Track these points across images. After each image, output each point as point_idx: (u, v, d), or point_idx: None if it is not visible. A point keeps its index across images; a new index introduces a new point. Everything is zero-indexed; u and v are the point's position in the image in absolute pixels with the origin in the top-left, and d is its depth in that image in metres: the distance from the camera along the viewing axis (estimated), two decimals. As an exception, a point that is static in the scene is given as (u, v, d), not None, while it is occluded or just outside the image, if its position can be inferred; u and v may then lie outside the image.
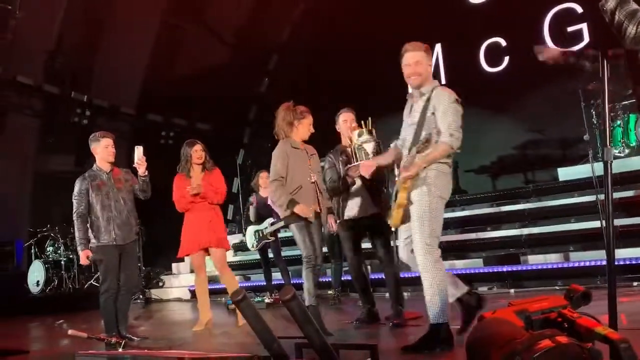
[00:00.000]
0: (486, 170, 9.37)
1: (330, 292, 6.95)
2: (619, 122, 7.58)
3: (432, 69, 11.16)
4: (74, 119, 10.80)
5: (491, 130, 9.41)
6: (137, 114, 11.77)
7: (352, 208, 4.56)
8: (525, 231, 6.82)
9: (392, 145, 3.78)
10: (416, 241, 3.27)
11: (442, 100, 3.42)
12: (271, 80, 12.91)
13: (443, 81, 10.17)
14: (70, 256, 9.59)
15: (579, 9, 8.57)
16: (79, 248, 4.68)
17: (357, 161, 4.26)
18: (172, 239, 9.85)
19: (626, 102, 7.24)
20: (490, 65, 9.53)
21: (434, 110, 3.43)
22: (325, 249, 7.10)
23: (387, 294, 4.61)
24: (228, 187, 5.66)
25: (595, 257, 5.83)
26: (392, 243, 4.90)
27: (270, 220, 6.94)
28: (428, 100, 3.48)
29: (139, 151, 4.72)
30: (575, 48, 8.40)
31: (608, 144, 2.36)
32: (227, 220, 10.54)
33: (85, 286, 9.51)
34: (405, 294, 5.91)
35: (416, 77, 3.52)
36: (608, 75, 2.36)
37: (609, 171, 2.33)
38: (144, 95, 11.63)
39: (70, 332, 4.32)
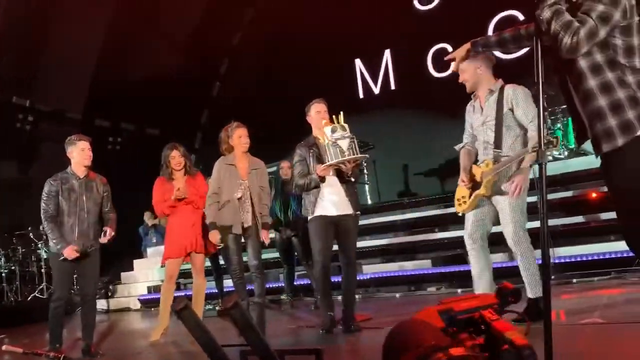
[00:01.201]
0: (435, 173, 9.58)
1: (282, 297, 6.95)
2: (559, 125, 7.90)
3: (382, 74, 11.09)
4: (17, 124, 10.40)
5: (440, 134, 9.62)
6: (83, 118, 11.44)
7: (328, 206, 4.34)
8: (472, 232, 6.98)
9: (457, 147, 4.08)
10: (511, 231, 3.70)
11: (519, 96, 3.69)
12: (223, 84, 12.82)
13: (392, 86, 10.37)
14: (12, 267, 9.21)
15: (521, 17, 8.89)
16: (59, 248, 4.43)
17: (331, 158, 4.13)
18: (122, 248, 9.66)
19: (565, 106, 7.54)
20: (438, 70, 9.77)
21: (511, 106, 3.70)
22: (277, 254, 7.15)
23: (340, 297, 4.55)
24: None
25: (538, 255, 5.97)
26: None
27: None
28: (500, 97, 3.73)
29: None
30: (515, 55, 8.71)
31: (542, 147, 2.43)
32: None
33: (29, 298, 9.15)
34: (355, 296, 5.97)
35: (466, 83, 3.86)
36: (543, 79, 2.43)
37: (544, 172, 2.41)
38: (91, 100, 11.31)
39: (4, 347, 4.12)
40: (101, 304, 9.45)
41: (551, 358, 2.19)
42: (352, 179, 4.42)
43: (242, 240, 4.77)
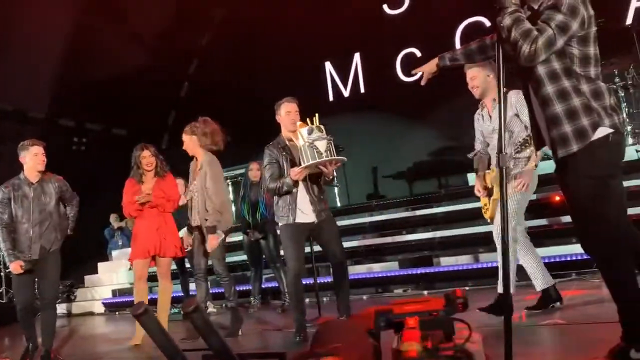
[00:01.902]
0: (403, 176, 9.68)
1: (250, 299, 6.89)
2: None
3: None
4: (-26, 124, 10.12)
5: (408, 138, 9.73)
6: (46, 118, 11.17)
7: (303, 212, 4.15)
8: (438, 234, 7.08)
9: (470, 155, 4.31)
10: (498, 225, 3.80)
11: (522, 101, 3.75)
12: (191, 85, 12.68)
13: (362, 89, 10.42)
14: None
15: (488, 23, 9.05)
16: (7, 260, 4.52)
17: (306, 160, 3.92)
18: (85, 250, 9.47)
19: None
20: (406, 74, 9.85)
21: (516, 111, 3.89)
22: (245, 257, 7.10)
23: (333, 296, 4.44)
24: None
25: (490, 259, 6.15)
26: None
27: (185, 229, 6.80)
28: (505, 104, 3.91)
29: None
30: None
31: (503, 151, 2.48)
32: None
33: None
34: (324, 298, 5.98)
35: (475, 89, 4.05)
36: (504, 85, 2.48)
37: (504, 176, 2.45)
38: (55, 99, 11.05)
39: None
40: (62, 308, 9.22)
41: (511, 358, 2.23)
42: (335, 182, 4.39)
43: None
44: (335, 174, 4.29)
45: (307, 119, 4.06)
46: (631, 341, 2.35)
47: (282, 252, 4.75)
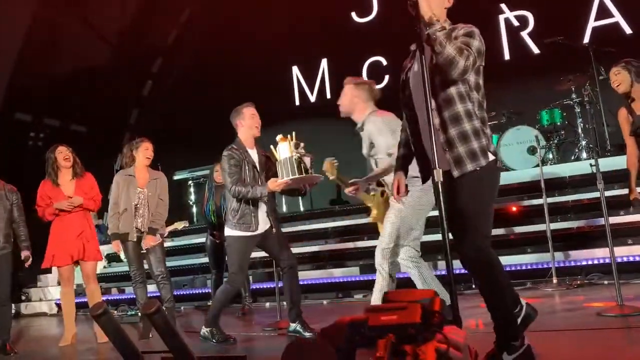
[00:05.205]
0: (366, 182, 9.73)
1: (209, 303, 6.81)
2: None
3: (305, 86, 11.12)
4: None
5: (372, 144, 9.82)
6: (2, 111, 10.80)
7: (260, 221, 4.16)
8: (399, 241, 7.14)
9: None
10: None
11: (371, 126, 3.83)
12: (155, 84, 12.48)
13: (328, 95, 10.48)
14: None
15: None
16: None
17: (291, 173, 3.94)
18: (38, 248, 9.19)
19: (489, 123, 7.89)
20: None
21: (370, 138, 3.88)
22: (206, 260, 7.02)
23: (285, 302, 4.48)
24: (104, 195, 5.38)
25: (460, 265, 6.26)
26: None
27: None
28: (363, 129, 3.93)
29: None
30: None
31: (437, 166, 2.54)
32: (104, 228, 9.94)
33: None
34: (284, 302, 5.96)
35: (341, 107, 4.02)
36: (430, 93, 2.55)
37: (440, 191, 2.51)
38: (11, 92, 10.70)
39: None
40: (12, 308, 8.90)
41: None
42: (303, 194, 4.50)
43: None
44: (308, 187, 4.42)
45: (281, 135, 4.02)
46: (502, 346, 2.62)
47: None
